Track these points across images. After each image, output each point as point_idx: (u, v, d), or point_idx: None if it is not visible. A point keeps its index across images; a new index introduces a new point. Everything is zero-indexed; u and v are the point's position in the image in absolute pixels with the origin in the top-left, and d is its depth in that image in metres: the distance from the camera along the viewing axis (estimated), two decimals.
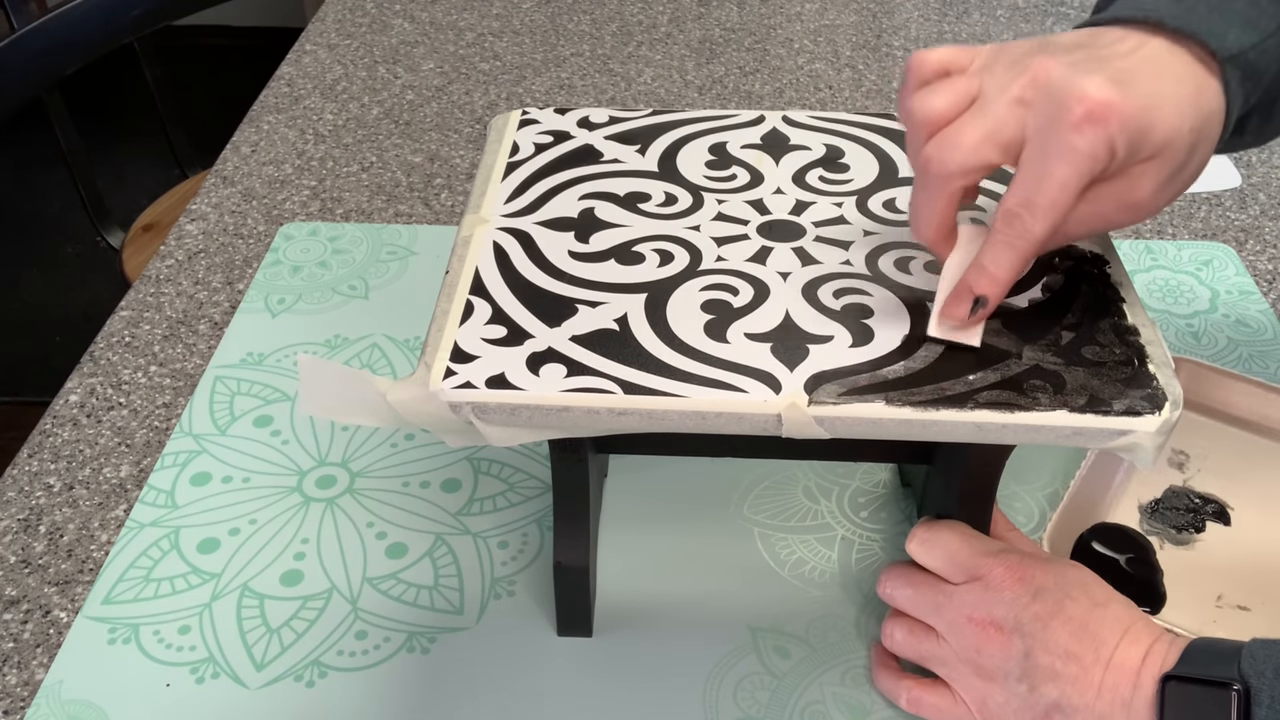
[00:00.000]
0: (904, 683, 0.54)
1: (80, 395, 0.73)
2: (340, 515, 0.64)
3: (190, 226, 0.90)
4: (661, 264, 0.51)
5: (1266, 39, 0.45)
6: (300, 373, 0.45)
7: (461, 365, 0.45)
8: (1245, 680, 0.43)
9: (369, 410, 0.45)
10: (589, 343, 0.47)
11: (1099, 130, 0.41)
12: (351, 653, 0.57)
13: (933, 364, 0.46)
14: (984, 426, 0.44)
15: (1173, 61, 0.44)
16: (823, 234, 0.53)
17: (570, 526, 0.54)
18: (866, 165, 0.59)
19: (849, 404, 0.44)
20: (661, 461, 0.67)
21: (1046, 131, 0.42)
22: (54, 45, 1.20)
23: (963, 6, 1.23)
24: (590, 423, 0.45)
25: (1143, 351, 0.46)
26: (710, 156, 0.59)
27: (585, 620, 0.57)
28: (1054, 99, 0.42)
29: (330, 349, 0.76)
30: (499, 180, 0.57)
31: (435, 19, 1.22)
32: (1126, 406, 0.44)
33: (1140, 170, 0.44)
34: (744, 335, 0.47)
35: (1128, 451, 0.44)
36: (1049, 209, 0.43)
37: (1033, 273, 0.51)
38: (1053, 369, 0.45)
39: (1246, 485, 0.64)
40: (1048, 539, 0.60)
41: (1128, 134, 0.42)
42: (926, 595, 0.53)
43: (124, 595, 0.60)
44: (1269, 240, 0.88)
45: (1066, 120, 0.41)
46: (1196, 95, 0.44)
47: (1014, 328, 0.48)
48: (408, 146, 0.99)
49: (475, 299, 0.49)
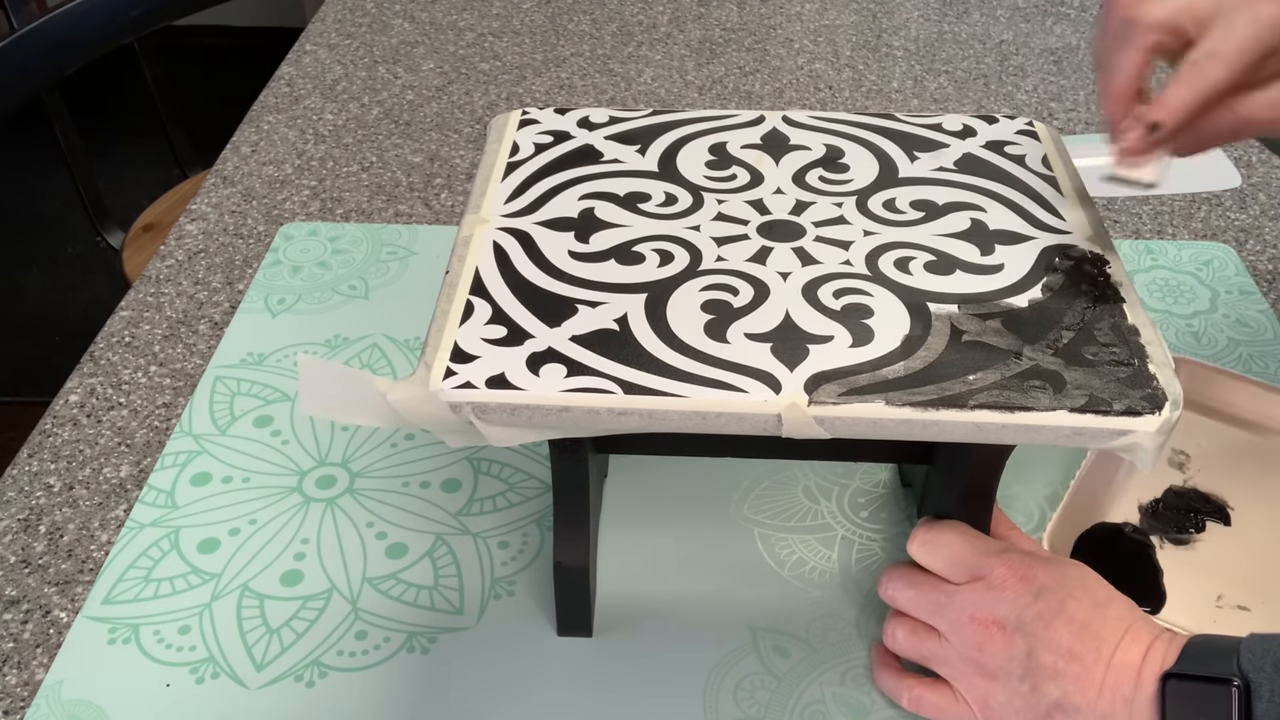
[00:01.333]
0: (905, 682, 0.54)
1: (80, 395, 0.73)
2: (340, 515, 0.64)
3: (190, 226, 0.90)
4: (661, 264, 0.51)
5: None
6: (300, 373, 0.45)
7: (461, 365, 0.45)
8: (1245, 675, 0.43)
9: (369, 410, 0.45)
10: (589, 343, 0.46)
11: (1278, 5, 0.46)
12: (351, 653, 0.57)
13: (932, 364, 0.46)
14: (984, 426, 0.44)
15: None
16: (823, 234, 0.53)
17: (570, 526, 0.54)
18: (866, 165, 0.59)
19: (849, 404, 0.44)
20: (661, 461, 0.67)
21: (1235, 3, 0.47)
22: (54, 45, 1.20)
23: (963, 6, 1.23)
24: (590, 423, 0.45)
25: (1143, 351, 0.46)
26: (710, 156, 0.59)
27: (585, 620, 0.57)
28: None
29: (330, 349, 0.76)
30: (499, 180, 0.57)
31: (435, 19, 1.22)
32: (1126, 406, 0.44)
33: None
34: (744, 335, 0.47)
35: (1128, 451, 0.44)
36: (1232, 56, 0.47)
37: (1033, 273, 0.51)
38: (1053, 369, 0.45)
39: (1246, 485, 0.64)
40: (1048, 539, 0.60)
41: None
42: (928, 595, 0.53)
43: (124, 595, 0.60)
44: (1269, 240, 0.88)
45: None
46: None
47: (1014, 328, 0.48)
48: (408, 146, 0.99)
49: (475, 299, 0.49)
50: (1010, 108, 1.06)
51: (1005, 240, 0.53)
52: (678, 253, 0.52)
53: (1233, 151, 0.98)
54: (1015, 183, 0.57)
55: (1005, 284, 0.50)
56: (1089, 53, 1.16)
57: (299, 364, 0.45)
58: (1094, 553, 0.60)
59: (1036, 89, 1.09)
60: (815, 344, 0.47)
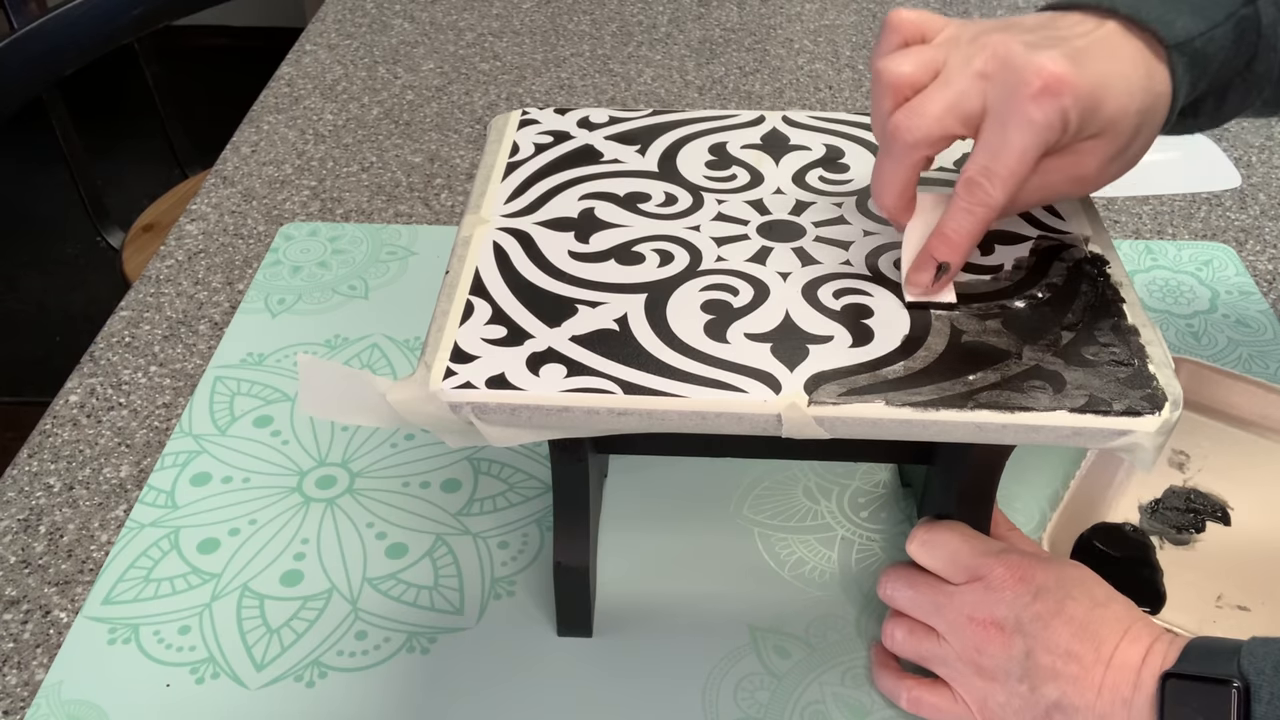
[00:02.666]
0: (904, 682, 0.54)
1: (80, 395, 0.73)
2: (340, 515, 0.64)
3: (190, 226, 0.90)
4: (661, 264, 0.51)
5: (1214, 28, 0.47)
6: (300, 373, 0.45)
7: (461, 365, 0.45)
8: (1245, 677, 0.43)
9: (369, 410, 0.45)
10: (589, 343, 0.46)
11: (1054, 102, 0.44)
12: (351, 653, 0.57)
13: (932, 364, 0.46)
14: (984, 426, 0.44)
15: (1125, 45, 0.46)
16: (823, 234, 0.53)
17: (570, 526, 0.54)
18: (866, 165, 0.58)
19: (849, 404, 0.44)
20: (661, 461, 0.67)
21: (1005, 103, 0.44)
22: (54, 45, 1.20)
23: (963, 6, 1.23)
24: (590, 423, 0.45)
25: (1143, 351, 0.46)
26: (710, 156, 0.59)
27: (585, 620, 0.57)
28: (1013, 73, 0.44)
29: (330, 349, 0.76)
30: (499, 180, 0.57)
31: (435, 19, 1.22)
32: (1126, 406, 0.44)
33: (1088, 146, 0.46)
34: (744, 335, 0.47)
35: (1127, 451, 0.44)
36: (1008, 177, 0.45)
37: (1033, 273, 0.51)
38: (1052, 369, 0.45)
39: (1246, 485, 0.64)
40: (1048, 539, 0.60)
41: (1080, 108, 0.44)
42: (927, 596, 0.53)
43: (124, 595, 0.60)
44: (1269, 240, 0.88)
45: (1024, 92, 0.44)
46: (1146, 79, 0.46)
47: (1014, 328, 0.48)
48: (408, 146, 0.99)
49: (475, 299, 0.49)
50: None
51: (1005, 240, 0.53)
52: (678, 253, 0.52)
53: (1233, 151, 0.98)
54: None
55: (1005, 284, 0.50)
56: None
57: (299, 364, 0.45)
58: (1093, 553, 0.60)
59: None
60: (815, 344, 0.47)
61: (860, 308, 0.49)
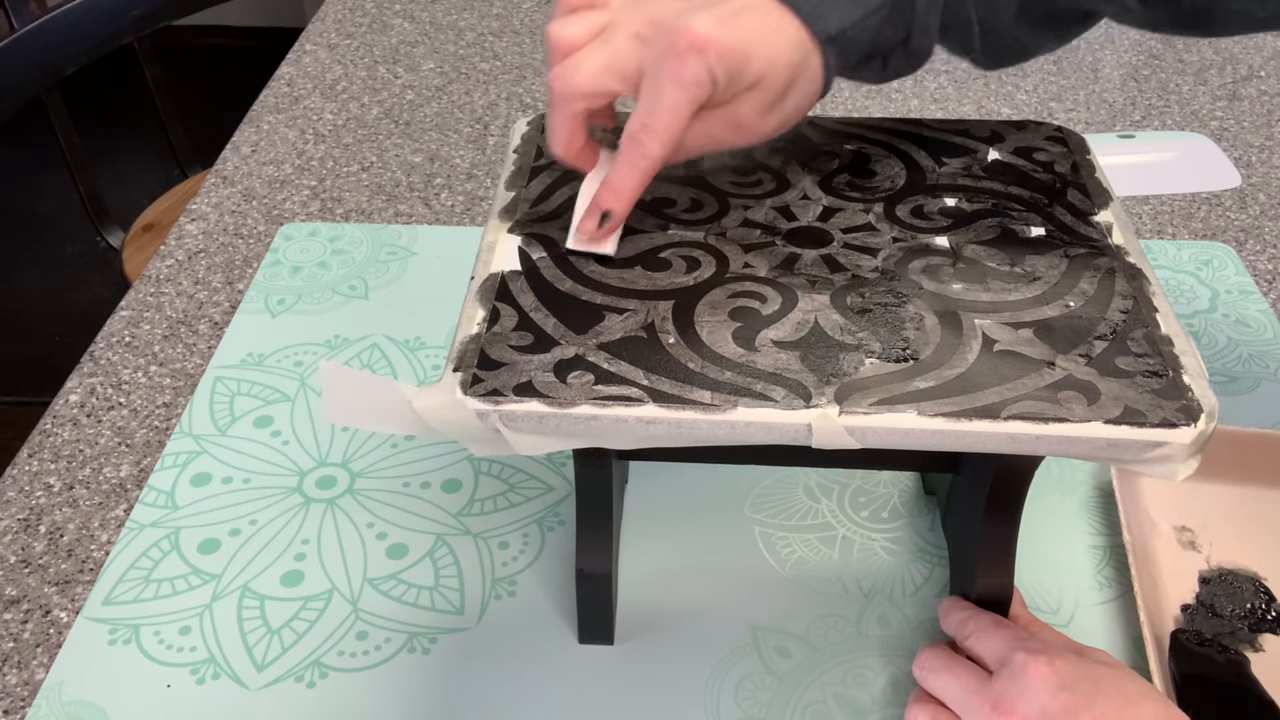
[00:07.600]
0: None
1: (80, 395, 0.73)
2: (341, 516, 0.64)
3: (190, 226, 0.90)
4: (688, 270, 0.51)
5: (868, 16, 0.50)
6: (323, 380, 0.44)
7: (488, 372, 0.44)
8: None
9: (393, 417, 0.44)
10: (617, 350, 0.46)
11: (700, 60, 0.46)
12: (352, 653, 0.57)
13: (964, 374, 0.45)
14: (1017, 437, 0.43)
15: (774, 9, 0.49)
16: (851, 240, 0.53)
17: (593, 533, 0.54)
18: (894, 171, 0.58)
19: (880, 414, 0.43)
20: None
21: (659, 62, 0.47)
22: (54, 45, 1.20)
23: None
24: (618, 432, 0.44)
25: (1176, 362, 0.45)
26: (734, 161, 0.59)
27: (607, 628, 0.57)
28: (665, 34, 0.47)
29: (330, 349, 0.76)
30: (523, 184, 0.56)
31: (435, 19, 1.22)
32: (1162, 418, 0.42)
33: (743, 98, 0.49)
34: (772, 343, 0.46)
35: (1159, 464, 0.43)
36: (663, 131, 0.48)
37: (1064, 281, 0.50)
38: (1086, 379, 0.44)
39: (1268, 548, 0.61)
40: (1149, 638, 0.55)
41: (725, 64, 0.47)
42: (959, 681, 0.51)
43: (124, 596, 0.60)
44: (1269, 240, 0.88)
45: (673, 52, 0.47)
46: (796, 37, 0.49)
47: (1046, 337, 0.46)
48: (408, 146, 0.99)
49: (501, 305, 0.48)
50: (1010, 108, 1.06)
51: (1036, 248, 0.52)
52: (704, 259, 0.51)
53: (1233, 151, 0.98)
54: (1045, 189, 0.56)
55: (1037, 292, 0.49)
56: (1088, 52, 1.16)
57: (321, 371, 0.44)
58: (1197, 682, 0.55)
59: (1036, 89, 1.09)
60: (845, 352, 0.46)
61: (891, 315, 0.48)
